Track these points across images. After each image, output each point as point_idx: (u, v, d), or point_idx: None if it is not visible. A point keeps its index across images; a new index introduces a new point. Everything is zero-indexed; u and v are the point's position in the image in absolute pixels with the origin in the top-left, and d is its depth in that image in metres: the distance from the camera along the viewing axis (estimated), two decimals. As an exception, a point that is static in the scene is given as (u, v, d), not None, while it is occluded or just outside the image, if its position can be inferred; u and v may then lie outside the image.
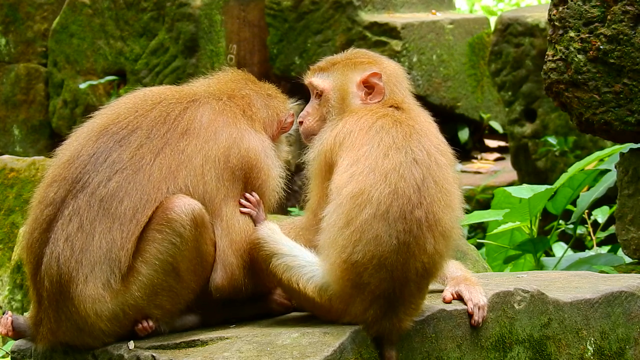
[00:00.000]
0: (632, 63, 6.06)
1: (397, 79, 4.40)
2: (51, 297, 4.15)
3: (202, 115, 4.32)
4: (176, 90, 4.44)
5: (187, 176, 4.22)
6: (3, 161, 7.30)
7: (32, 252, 4.22)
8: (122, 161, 4.19)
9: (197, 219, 4.16)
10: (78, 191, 4.17)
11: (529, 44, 10.39)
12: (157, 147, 4.23)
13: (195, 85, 4.54)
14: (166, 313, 4.20)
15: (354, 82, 4.38)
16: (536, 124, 10.38)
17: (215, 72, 4.64)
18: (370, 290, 4.02)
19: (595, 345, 4.43)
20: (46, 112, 13.02)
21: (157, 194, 4.17)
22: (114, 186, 4.15)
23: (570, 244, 7.72)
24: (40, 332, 4.20)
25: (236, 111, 4.42)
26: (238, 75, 4.62)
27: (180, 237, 4.14)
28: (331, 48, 11.86)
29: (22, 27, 13.17)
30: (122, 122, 4.27)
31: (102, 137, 4.24)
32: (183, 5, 11.95)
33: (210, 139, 4.28)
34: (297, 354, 3.91)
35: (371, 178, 4.04)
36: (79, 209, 4.15)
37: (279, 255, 4.17)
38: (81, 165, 4.20)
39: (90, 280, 4.10)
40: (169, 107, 4.32)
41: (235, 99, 4.46)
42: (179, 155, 4.23)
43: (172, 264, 4.15)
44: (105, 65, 12.45)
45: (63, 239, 4.13)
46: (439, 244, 4.06)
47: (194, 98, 4.37)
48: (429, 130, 4.24)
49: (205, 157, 4.25)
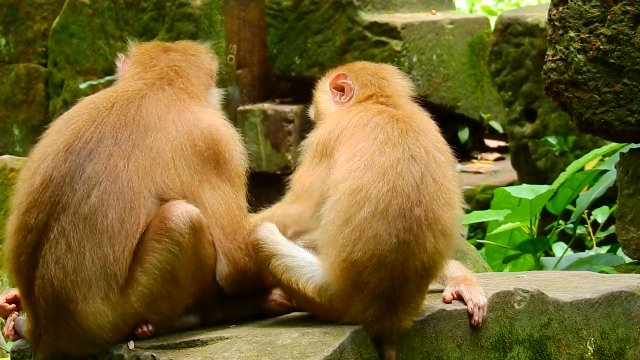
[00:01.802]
0: (632, 63, 6.06)
1: (368, 72, 4.46)
2: (49, 316, 4.11)
3: (155, 109, 4.27)
4: (119, 90, 4.37)
5: (162, 173, 4.17)
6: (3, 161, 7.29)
7: (22, 275, 4.15)
8: (97, 174, 4.12)
9: (196, 225, 4.13)
10: (59, 213, 4.09)
11: (529, 44, 10.39)
12: (127, 151, 4.16)
13: (129, 80, 4.47)
14: (165, 318, 4.19)
15: (326, 91, 4.49)
16: (536, 124, 10.38)
17: (127, 56, 4.59)
18: (370, 289, 4.02)
19: (595, 345, 4.43)
20: (46, 112, 13.02)
21: (140, 199, 4.12)
22: (94, 201, 4.09)
23: (570, 244, 7.72)
24: (41, 344, 4.18)
25: (181, 95, 4.38)
26: (154, 51, 4.57)
27: (179, 245, 4.11)
28: (331, 48, 11.86)
29: (22, 27, 13.17)
30: (85, 136, 4.19)
31: (70, 155, 4.16)
32: (183, 5, 11.95)
33: (172, 129, 4.23)
34: (297, 354, 3.91)
35: (368, 175, 4.05)
36: (63, 231, 4.07)
37: (279, 256, 4.17)
38: (57, 187, 4.12)
39: (89, 297, 4.06)
40: (123, 108, 4.25)
41: (174, 81, 4.42)
42: (149, 153, 4.17)
43: (171, 272, 4.13)
44: (105, 65, 12.45)
45: (53, 261, 4.07)
46: (439, 242, 4.06)
47: (141, 94, 4.32)
48: (426, 128, 4.25)
49: (173, 148, 4.20)
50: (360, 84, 4.43)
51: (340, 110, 4.38)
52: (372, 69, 4.51)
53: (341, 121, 4.25)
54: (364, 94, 4.39)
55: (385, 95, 4.38)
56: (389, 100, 4.36)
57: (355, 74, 4.47)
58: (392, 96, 4.39)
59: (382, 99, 4.37)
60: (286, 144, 11.89)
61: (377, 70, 4.50)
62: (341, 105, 4.42)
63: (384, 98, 4.37)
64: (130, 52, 4.61)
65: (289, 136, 11.90)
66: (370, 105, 4.31)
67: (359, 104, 4.34)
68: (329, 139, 4.22)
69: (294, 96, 12.27)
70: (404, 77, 4.52)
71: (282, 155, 11.89)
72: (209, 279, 4.25)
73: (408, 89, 4.48)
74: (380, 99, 4.36)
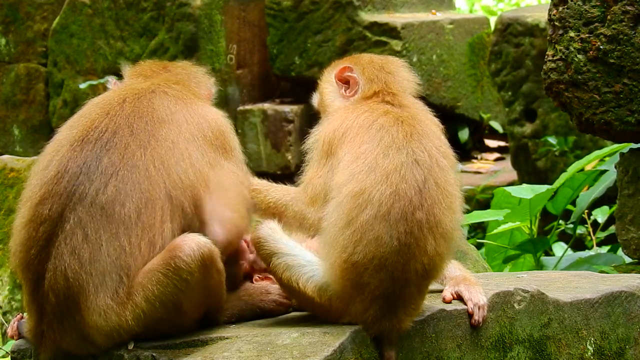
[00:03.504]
0: (632, 63, 6.05)
1: (375, 66, 4.45)
2: (56, 310, 4.09)
3: (165, 102, 4.32)
4: (128, 88, 4.42)
5: (177, 163, 4.19)
6: (3, 161, 7.29)
7: (30, 269, 4.13)
8: (114, 164, 4.13)
9: (206, 259, 4.11)
10: (76, 204, 4.09)
11: (529, 44, 10.39)
12: (144, 141, 4.19)
13: (134, 81, 4.53)
14: (164, 336, 4.18)
15: (332, 82, 4.48)
16: (536, 124, 10.38)
17: (122, 75, 4.67)
18: (370, 291, 4.02)
19: (595, 345, 4.43)
20: (46, 112, 13.01)
21: (156, 190, 4.13)
22: (112, 191, 4.10)
23: (570, 244, 7.71)
24: (43, 341, 4.17)
25: (186, 93, 4.45)
26: (154, 66, 4.64)
27: (186, 282, 4.09)
28: (331, 48, 11.86)
29: (22, 27, 13.17)
30: (99, 127, 4.21)
31: (86, 145, 4.17)
32: (183, 5, 11.95)
33: (182, 122, 4.29)
34: (297, 354, 3.91)
35: (372, 178, 4.04)
36: (80, 221, 4.07)
37: (279, 254, 4.17)
38: (73, 178, 4.12)
39: (101, 290, 4.05)
40: (135, 102, 4.30)
41: (179, 84, 4.49)
42: (164, 143, 4.21)
43: (175, 303, 4.11)
44: (105, 65, 12.45)
45: (68, 252, 4.06)
46: (440, 245, 4.06)
47: (150, 90, 4.37)
48: (430, 131, 4.25)
49: (186, 139, 4.25)
50: (367, 78, 4.41)
51: (345, 107, 4.37)
52: (378, 62, 4.48)
53: (346, 120, 4.24)
54: (370, 90, 4.38)
55: (391, 93, 4.37)
56: (395, 99, 4.35)
57: (362, 67, 4.45)
58: (397, 94, 4.38)
59: (388, 97, 4.36)
60: (286, 144, 11.88)
61: (384, 64, 4.48)
62: (346, 100, 4.41)
63: (390, 96, 4.36)
64: (124, 72, 4.65)
65: (289, 136, 11.90)
66: (375, 105, 4.30)
67: (365, 102, 4.33)
68: (333, 137, 4.22)
69: (294, 96, 12.27)
70: (410, 71, 4.52)
71: (282, 155, 11.88)
72: (217, 301, 4.25)
73: (414, 84, 4.49)
74: (386, 98, 4.35)
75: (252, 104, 12.28)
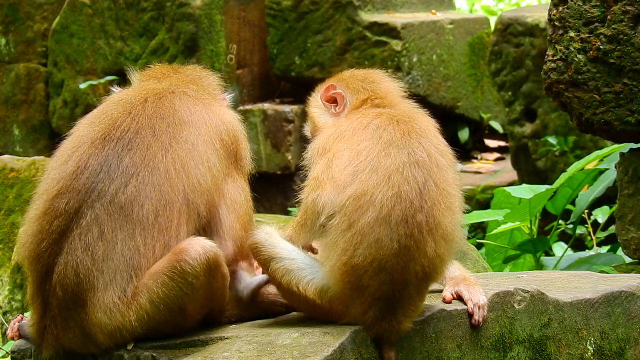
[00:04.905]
0: (632, 63, 6.06)
1: (358, 78, 4.45)
2: (62, 305, 4.09)
3: (185, 103, 4.33)
4: (148, 87, 4.42)
5: (196, 166, 4.20)
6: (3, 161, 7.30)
7: (40, 262, 4.12)
8: (135, 165, 4.13)
9: (211, 264, 4.11)
10: (94, 201, 4.09)
11: (529, 44, 10.39)
12: (165, 143, 4.20)
13: (148, 83, 4.53)
14: (166, 337, 4.18)
15: (319, 105, 4.49)
16: (536, 124, 10.38)
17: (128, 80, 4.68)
18: (370, 293, 4.02)
19: (595, 345, 4.43)
20: (46, 112, 13.02)
21: (175, 192, 4.14)
22: (132, 191, 4.09)
23: (570, 244, 7.71)
24: (45, 339, 4.17)
25: (204, 94, 4.46)
26: (165, 69, 4.64)
27: (191, 286, 4.09)
28: (331, 48, 11.87)
29: (22, 27, 13.17)
30: (122, 126, 4.21)
31: (107, 144, 4.17)
32: (183, 5, 11.95)
33: (202, 124, 4.29)
34: (297, 354, 3.91)
35: (374, 178, 4.03)
36: (97, 218, 4.07)
37: (278, 259, 4.16)
38: (93, 174, 4.12)
39: (110, 288, 4.05)
40: (157, 102, 4.30)
41: (194, 84, 4.50)
42: (184, 146, 4.22)
43: (179, 305, 4.11)
44: (105, 65, 12.46)
45: (81, 248, 4.05)
46: (440, 247, 4.05)
47: (170, 90, 4.38)
48: (427, 130, 4.23)
49: (205, 142, 4.27)
50: (352, 90, 4.42)
51: (337, 120, 4.37)
52: (360, 74, 4.49)
53: (340, 126, 4.24)
54: (358, 100, 4.38)
55: (380, 97, 4.37)
56: (384, 101, 4.35)
57: (345, 82, 4.45)
58: (386, 97, 4.38)
59: (377, 101, 4.35)
60: (286, 144, 11.88)
61: (366, 75, 4.49)
62: (337, 116, 4.41)
63: (379, 100, 4.36)
64: (132, 77, 4.65)
65: (289, 136, 11.90)
66: (367, 110, 4.29)
67: (356, 111, 4.33)
68: (327, 141, 4.21)
69: (294, 96, 12.27)
70: (393, 80, 4.51)
71: (282, 155, 11.88)
72: (219, 302, 4.25)
73: (400, 90, 4.47)
74: (375, 102, 4.35)
75: (252, 104, 12.29)
